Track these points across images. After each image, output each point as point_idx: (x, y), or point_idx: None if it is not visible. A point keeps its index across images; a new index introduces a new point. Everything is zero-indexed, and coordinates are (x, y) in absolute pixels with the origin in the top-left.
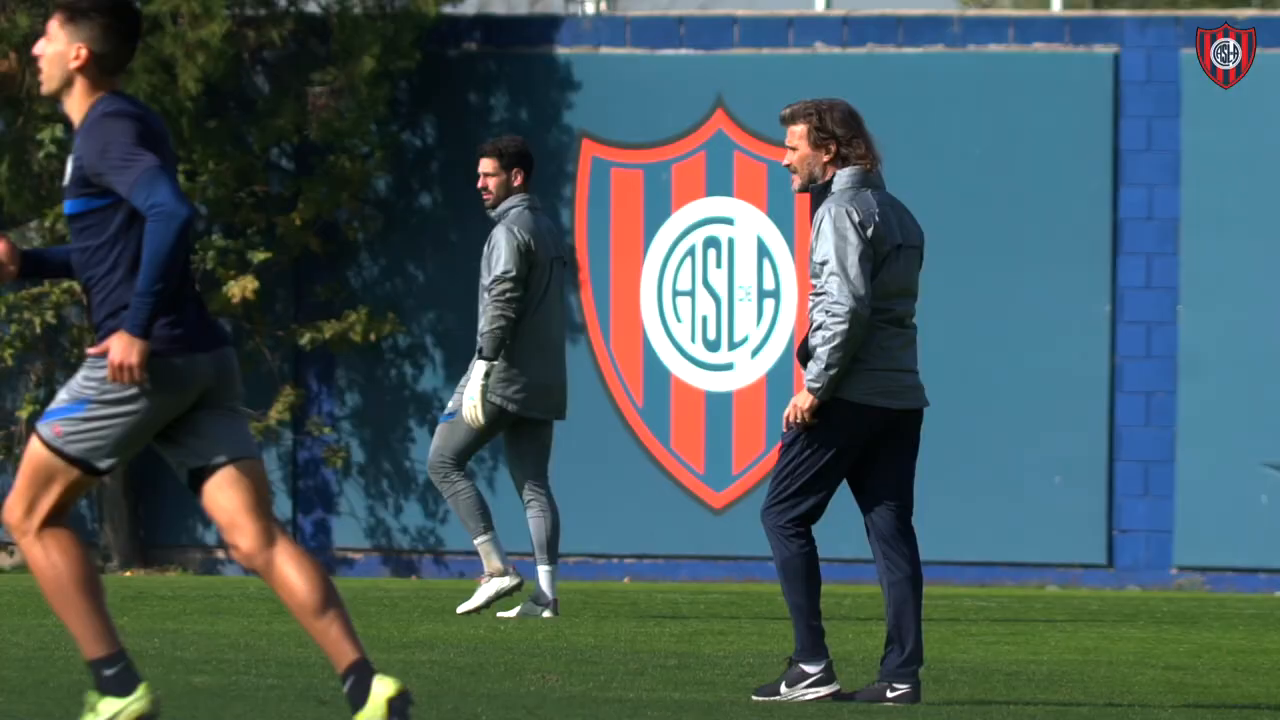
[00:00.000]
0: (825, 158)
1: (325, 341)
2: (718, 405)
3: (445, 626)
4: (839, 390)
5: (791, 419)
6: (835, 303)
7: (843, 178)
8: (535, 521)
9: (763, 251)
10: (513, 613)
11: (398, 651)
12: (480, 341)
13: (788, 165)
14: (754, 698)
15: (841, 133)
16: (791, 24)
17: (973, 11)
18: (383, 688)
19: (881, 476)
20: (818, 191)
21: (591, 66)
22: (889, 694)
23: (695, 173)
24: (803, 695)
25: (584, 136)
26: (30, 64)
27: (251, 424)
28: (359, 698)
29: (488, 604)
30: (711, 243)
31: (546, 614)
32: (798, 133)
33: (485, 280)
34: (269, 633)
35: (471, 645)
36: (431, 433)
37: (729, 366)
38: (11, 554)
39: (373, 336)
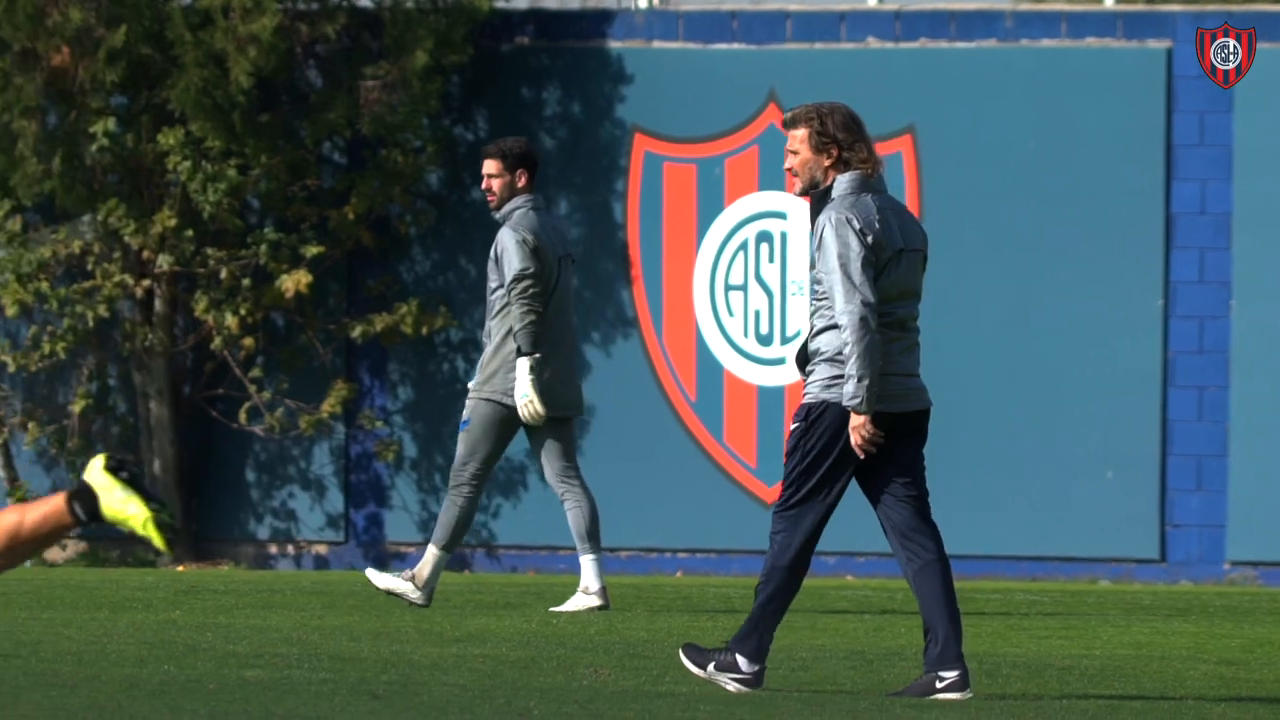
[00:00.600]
0: (827, 162)
1: (377, 334)
2: (770, 399)
3: (498, 621)
4: (832, 395)
5: (861, 446)
6: (844, 313)
7: (843, 183)
8: (572, 514)
9: None
10: (566, 607)
11: (450, 646)
12: (516, 341)
13: (789, 169)
14: (681, 655)
15: (843, 137)
16: (844, 19)
17: (1025, 6)
18: (93, 469)
19: (891, 473)
20: (818, 196)
21: (644, 61)
22: (939, 684)
23: (748, 167)
24: (724, 683)
25: (636, 131)
26: (83, 58)
27: (304, 418)
28: (90, 505)
29: (387, 593)
30: (764, 237)
31: (597, 602)
32: (799, 136)
33: (492, 284)
34: (321, 627)
35: (524, 639)
36: None
37: (781, 361)
38: (63, 548)
39: (424, 330)
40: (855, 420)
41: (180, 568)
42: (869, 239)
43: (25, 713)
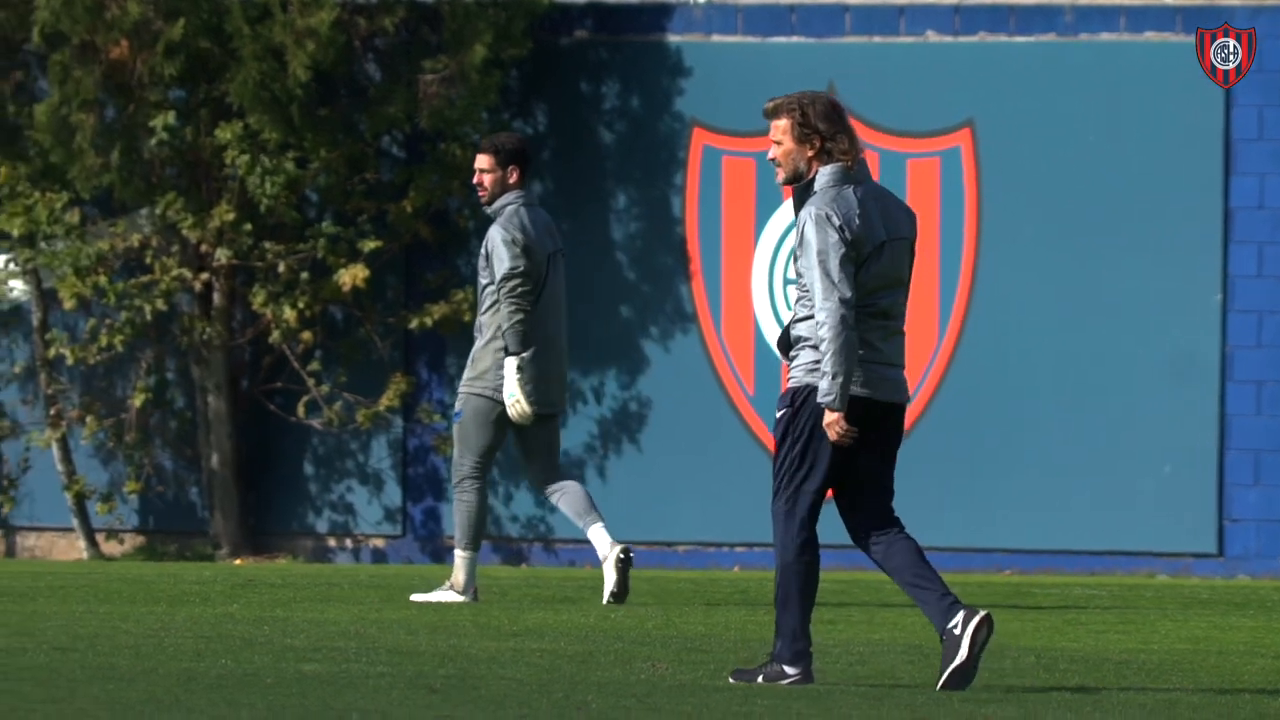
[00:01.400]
0: (809, 152)
1: (435, 323)
2: None
3: (555, 615)
4: (817, 379)
5: (836, 440)
6: (822, 309)
7: (824, 176)
8: (565, 499)
9: None
10: (608, 594)
11: (508, 640)
12: (502, 339)
13: (772, 159)
14: (732, 681)
15: (825, 127)
16: (903, 12)
17: (1084, 0)
18: None
19: (867, 465)
20: (801, 188)
21: (703, 54)
22: (956, 632)
23: None
24: (765, 682)
25: (695, 124)
26: (142, 51)
27: (362, 411)
28: None
29: (429, 601)
30: None
31: (619, 555)
32: (781, 127)
33: (483, 280)
34: (379, 620)
35: (582, 633)
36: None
37: None
38: (121, 542)
39: None
40: (829, 417)
41: (238, 561)
42: (849, 235)
43: (83, 706)
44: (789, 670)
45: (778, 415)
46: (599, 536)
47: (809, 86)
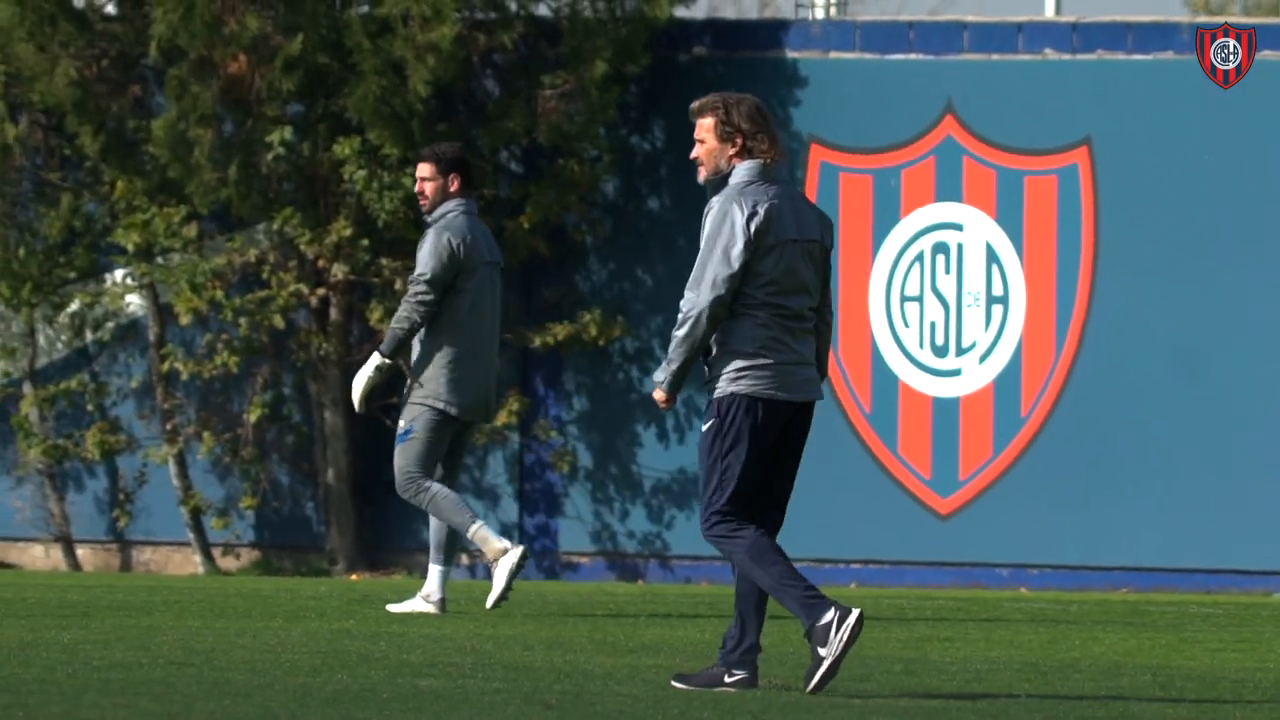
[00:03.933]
0: (731, 151)
1: (558, 343)
2: (945, 411)
3: (671, 630)
4: (742, 387)
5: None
6: (688, 302)
7: (741, 171)
8: (437, 522)
9: (991, 257)
10: (401, 607)
11: (624, 655)
12: (390, 333)
13: (694, 158)
14: (807, 690)
15: (747, 127)
16: (1021, 30)
17: (1203, 18)
18: None
19: (774, 459)
20: (717, 183)
21: (821, 71)
22: (726, 679)
23: (924, 178)
24: (840, 640)
25: (813, 141)
26: (260, 66)
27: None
28: None
29: (508, 586)
30: (940, 248)
31: (433, 610)
32: (705, 126)
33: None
34: (495, 636)
35: (697, 650)
36: (658, 437)
37: (957, 372)
38: (237, 557)
39: (601, 341)
40: (657, 394)
41: (354, 577)
42: (752, 227)
43: None
44: (825, 618)
45: (704, 428)
46: (437, 579)
47: (926, 103)
